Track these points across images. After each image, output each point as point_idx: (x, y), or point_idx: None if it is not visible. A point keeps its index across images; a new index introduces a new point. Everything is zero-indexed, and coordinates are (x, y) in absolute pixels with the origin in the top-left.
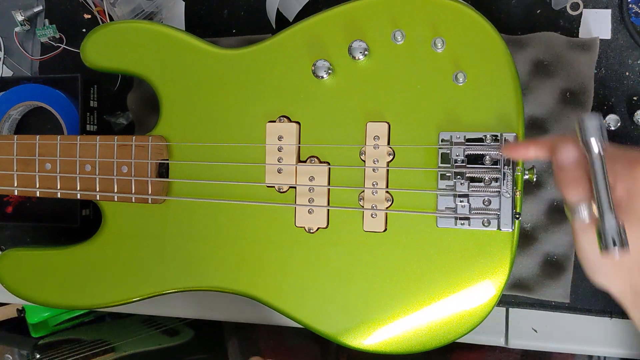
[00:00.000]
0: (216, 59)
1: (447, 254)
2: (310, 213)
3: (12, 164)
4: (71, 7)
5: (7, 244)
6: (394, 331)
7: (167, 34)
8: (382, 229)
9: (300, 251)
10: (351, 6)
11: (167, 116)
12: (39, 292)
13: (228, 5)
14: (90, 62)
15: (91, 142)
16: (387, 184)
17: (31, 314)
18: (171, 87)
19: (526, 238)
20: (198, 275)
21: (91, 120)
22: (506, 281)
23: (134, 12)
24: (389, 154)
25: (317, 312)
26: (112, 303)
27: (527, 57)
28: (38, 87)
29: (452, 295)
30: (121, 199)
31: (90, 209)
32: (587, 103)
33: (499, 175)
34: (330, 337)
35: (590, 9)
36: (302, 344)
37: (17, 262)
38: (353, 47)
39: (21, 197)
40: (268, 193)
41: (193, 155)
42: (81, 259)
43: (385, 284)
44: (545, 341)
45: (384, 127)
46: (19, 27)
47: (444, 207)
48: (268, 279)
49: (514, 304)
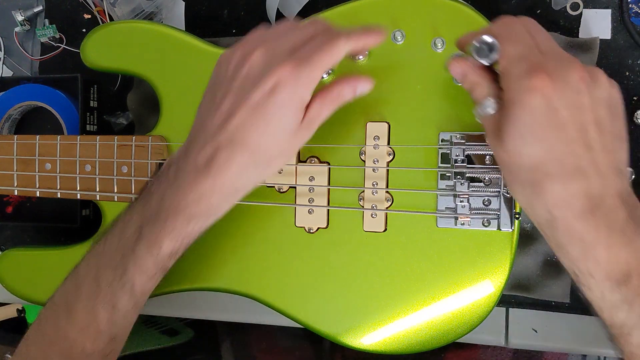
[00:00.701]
0: (216, 59)
1: (447, 254)
2: (310, 213)
3: (12, 163)
4: (71, 7)
5: (7, 244)
6: (394, 331)
7: (167, 34)
8: (382, 229)
9: (300, 251)
10: (351, 6)
11: (167, 116)
12: (39, 292)
13: (228, 5)
14: (90, 62)
15: (91, 142)
16: (387, 184)
17: (31, 314)
18: (171, 87)
19: (526, 238)
20: (197, 275)
21: (91, 120)
22: (506, 281)
23: (134, 12)
24: (389, 154)
25: (317, 312)
26: None
27: None
28: (38, 87)
29: (452, 295)
30: (121, 199)
31: (90, 209)
32: None
33: (499, 175)
34: (330, 337)
35: (590, 9)
36: (295, 345)
37: (17, 262)
38: None
39: (21, 197)
40: (268, 193)
41: None
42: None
43: (385, 283)
44: (545, 341)
45: (384, 127)
46: (19, 27)
47: (444, 207)
48: (268, 279)
49: (514, 304)
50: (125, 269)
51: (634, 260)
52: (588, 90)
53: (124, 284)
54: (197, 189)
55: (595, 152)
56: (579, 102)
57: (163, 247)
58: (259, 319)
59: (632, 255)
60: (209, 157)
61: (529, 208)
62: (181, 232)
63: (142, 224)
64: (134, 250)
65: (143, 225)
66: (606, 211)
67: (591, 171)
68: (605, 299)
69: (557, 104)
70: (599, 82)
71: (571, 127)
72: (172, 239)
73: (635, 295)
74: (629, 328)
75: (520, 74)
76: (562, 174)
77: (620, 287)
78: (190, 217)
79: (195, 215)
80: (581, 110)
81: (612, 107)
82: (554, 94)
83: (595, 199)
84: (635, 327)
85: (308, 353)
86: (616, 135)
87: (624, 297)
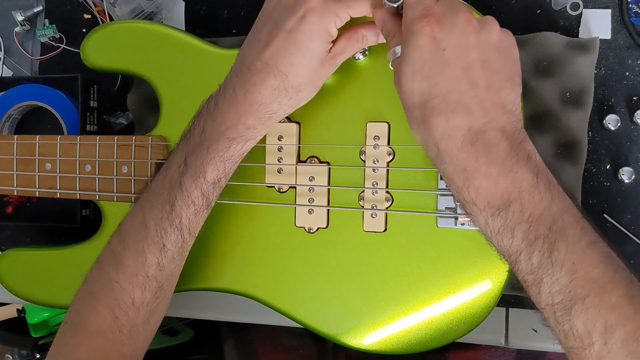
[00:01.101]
0: (216, 59)
1: (447, 254)
2: (310, 213)
3: (12, 163)
4: (71, 7)
5: (7, 244)
6: (394, 331)
7: (167, 34)
8: (382, 229)
9: (300, 251)
10: None
11: (167, 116)
12: (39, 292)
13: (228, 5)
14: (90, 62)
15: (91, 142)
16: (387, 184)
17: (31, 314)
18: (171, 87)
19: None
20: (198, 275)
21: (91, 121)
22: (506, 281)
23: (134, 12)
24: (388, 154)
25: (317, 312)
26: None
27: (527, 57)
28: (38, 87)
29: (452, 295)
30: (121, 198)
31: (90, 209)
32: (587, 103)
33: None
34: (330, 337)
35: (590, 9)
36: (299, 344)
37: (17, 262)
38: None
39: (21, 197)
40: (268, 193)
41: None
42: (81, 259)
43: (385, 283)
44: (545, 341)
45: (384, 127)
46: (19, 27)
47: (443, 207)
48: (268, 279)
49: (514, 304)
50: (172, 204)
51: (513, 189)
52: (475, 32)
53: (172, 220)
54: (235, 112)
55: (479, 88)
56: (465, 42)
57: (207, 175)
58: (260, 320)
59: (512, 184)
60: (246, 81)
61: (424, 145)
62: (223, 156)
63: (186, 157)
64: (180, 183)
65: (187, 157)
66: (487, 143)
67: (474, 106)
68: (489, 226)
69: (443, 44)
70: (487, 26)
71: (455, 65)
72: (215, 164)
73: (516, 222)
74: (516, 254)
75: (413, 18)
76: (446, 108)
77: (500, 214)
78: (230, 140)
79: (234, 137)
80: (466, 50)
81: (501, 49)
82: (440, 34)
83: (477, 132)
84: (520, 252)
85: (311, 352)
86: (504, 75)
87: (505, 224)
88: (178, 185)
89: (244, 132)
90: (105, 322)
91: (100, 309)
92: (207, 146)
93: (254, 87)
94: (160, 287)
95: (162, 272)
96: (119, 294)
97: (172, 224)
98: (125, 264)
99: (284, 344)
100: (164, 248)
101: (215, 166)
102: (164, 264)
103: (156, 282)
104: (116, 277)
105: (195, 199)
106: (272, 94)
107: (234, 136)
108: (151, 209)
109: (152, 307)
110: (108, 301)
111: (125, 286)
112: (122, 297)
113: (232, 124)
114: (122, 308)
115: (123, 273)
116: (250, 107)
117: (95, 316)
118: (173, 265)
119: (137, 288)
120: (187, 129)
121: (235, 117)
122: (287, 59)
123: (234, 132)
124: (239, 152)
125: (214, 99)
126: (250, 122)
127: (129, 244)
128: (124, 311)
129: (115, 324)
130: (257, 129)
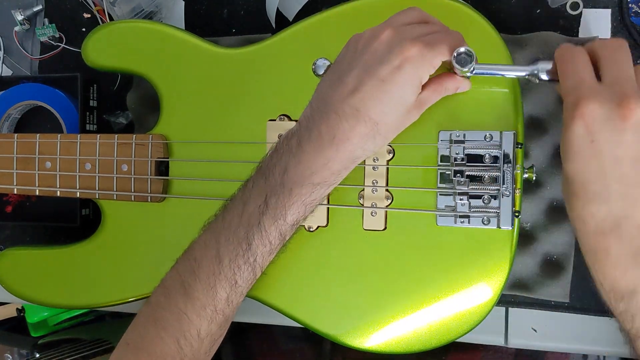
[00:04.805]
0: (216, 58)
1: (446, 253)
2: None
3: (12, 162)
4: (71, 7)
5: (6, 243)
6: (394, 330)
7: (167, 33)
8: (381, 228)
9: (300, 250)
10: (351, 6)
11: (168, 115)
12: (38, 292)
13: (228, 5)
14: (91, 61)
15: (91, 140)
16: (387, 182)
17: (31, 314)
18: (171, 86)
19: (526, 237)
20: None
21: (91, 120)
22: (506, 280)
23: (134, 12)
24: (388, 152)
25: (317, 311)
26: (112, 302)
27: (526, 56)
28: (38, 87)
29: (451, 294)
30: (121, 197)
31: (90, 208)
32: None
33: (499, 173)
34: (330, 337)
35: (590, 9)
36: (296, 347)
37: (16, 262)
38: None
39: (21, 197)
40: None
41: (193, 153)
42: (80, 258)
43: (385, 282)
44: (544, 341)
45: None
46: (19, 27)
47: (443, 205)
48: (267, 278)
49: (514, 304)
50: (250, 243)
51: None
52: (632, 129)
53: (247, 257)
54: (322, 157)
55: (622, 184)
56: (618, 139)
57: (288, 217)
58: (258, 320)
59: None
60: (334, 126)
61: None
62: (305, 200)
63: (267, 197)
64: (260, 223)
65: (268, 198)
66: (621, 236)
67: (614, 200)
68: (612, 305)
69: (594, 136)
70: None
71: (602, 158)
72: (297, 207)
73: (638, 311)
74: (635, 336)
75: (568, 105)
76: (584, 196)
77: (624, 300)
78: (314, 185)
79: (318, 183)
80: (618, 145)
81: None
82: (595, 127)
83: (611, 224)
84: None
85: (309, 355)
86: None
87: (626, 309)
88: (257, 224)
89: (329, 178)
90: (170, 351)
91: (165, 338)
92: (289, 188)
93: (343, 134)
94: (226, 320)
95: (230, 306)
96: (186, 325)
97: (247, 261)
98: (195, 297)
99: (281, 348)
100: (236, 284)
101: (296, 209)
102: (233, 298)
103: (223, 316)
104: (184, 309)
105: (272, 239)
106: (360, 141)
107: (319, 181)
108: (227, 244)
109: (216, 339)
110: (174, 331)
111: (193, 318)
112: (189, 329)
113: (317, 169)
114: (187, 339)
115: (192, 305)
116: (337, 153)
117: (160, 344)
118: (240, 300)
119: (205, 321)
120: (265, 166)
121: (321, 163)
122: (379, 107)
123: (319, 177)
124: (319, 197)
125: (295, 137)
126: (335, 167)
127: (201, 277)
128: (188, 342)
129: (178, 353)
130: (341, 174)
